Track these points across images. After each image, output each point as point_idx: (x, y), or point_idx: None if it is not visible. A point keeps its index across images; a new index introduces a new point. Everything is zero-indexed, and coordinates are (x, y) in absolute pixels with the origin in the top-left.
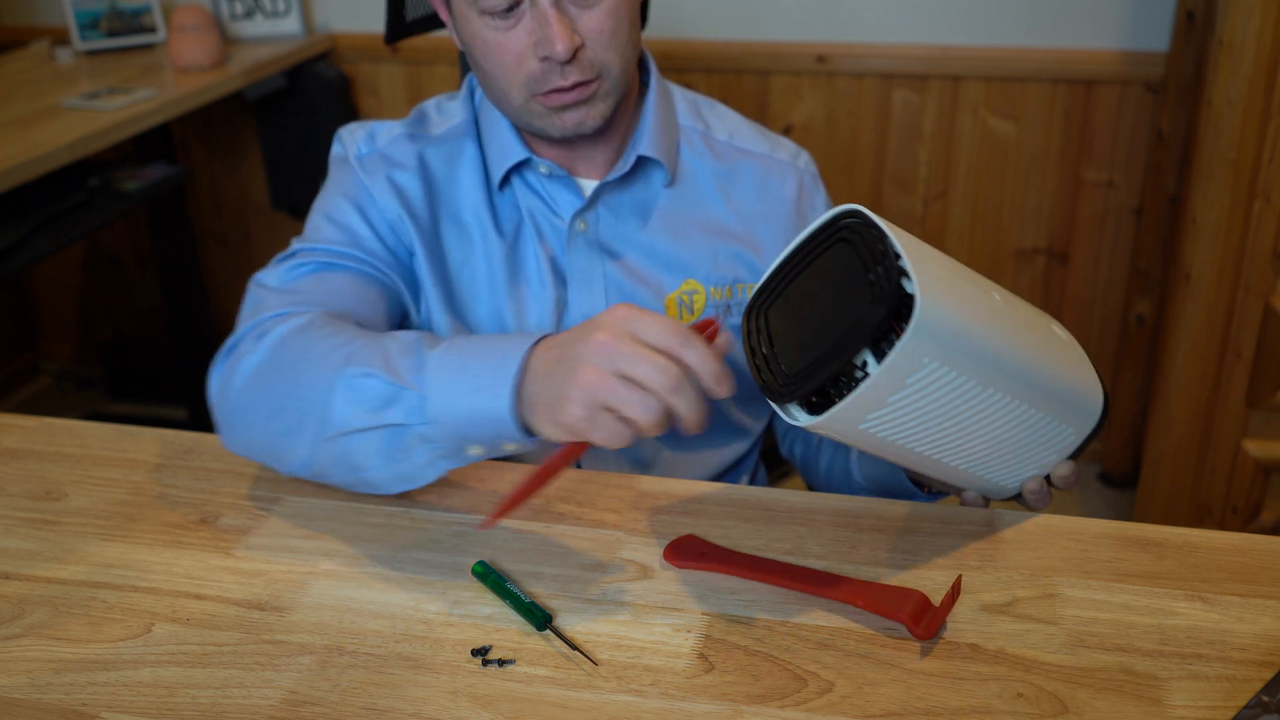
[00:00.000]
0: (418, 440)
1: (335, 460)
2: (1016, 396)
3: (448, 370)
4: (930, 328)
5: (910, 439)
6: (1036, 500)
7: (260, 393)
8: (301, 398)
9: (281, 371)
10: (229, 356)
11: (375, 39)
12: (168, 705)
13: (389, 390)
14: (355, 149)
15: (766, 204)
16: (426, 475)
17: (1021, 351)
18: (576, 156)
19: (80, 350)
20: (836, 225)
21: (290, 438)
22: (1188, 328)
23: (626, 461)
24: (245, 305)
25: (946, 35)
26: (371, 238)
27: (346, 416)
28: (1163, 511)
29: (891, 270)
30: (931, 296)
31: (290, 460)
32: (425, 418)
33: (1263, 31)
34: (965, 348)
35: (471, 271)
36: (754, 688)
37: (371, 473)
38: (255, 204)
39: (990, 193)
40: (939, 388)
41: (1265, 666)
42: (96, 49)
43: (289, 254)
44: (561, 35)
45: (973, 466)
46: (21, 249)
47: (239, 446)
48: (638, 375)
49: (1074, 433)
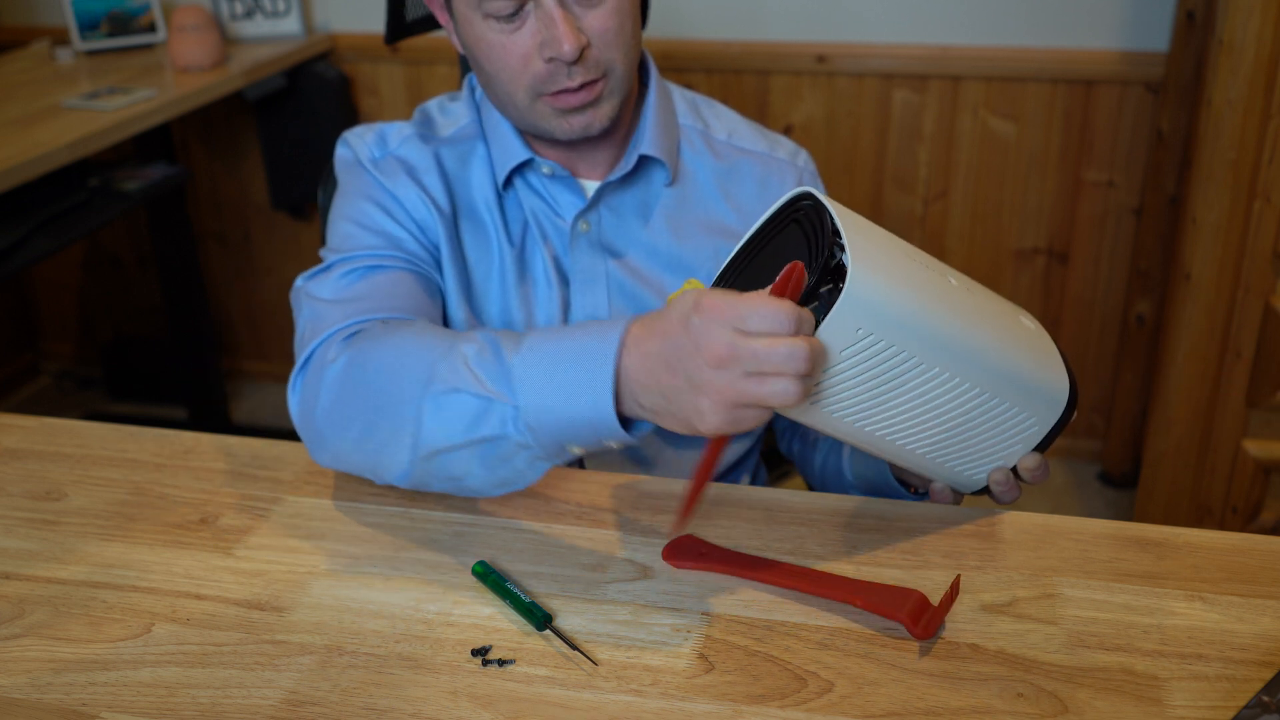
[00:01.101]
0: (516, 448)
1: (435, 475)
2: (967, 379)
3: (537, 377)
4: (862, 295)
5: (861, 418)
6: (1003, 493)
7: (348, 412)
8: (391, 415)
9: (365, 389)
10: (305, 373)
11: (375, 39)
12: (168, 705)
13: (479, 405)
14: (367, 153)
15: (767, 202)
16: (528, 477)
17: (972, 334)
18: (578, 157)
19: (80, 350)
20: (791, 209)
21: (385, 454)
22: (1188, 328)
23: (628, 461)
24: (302, 319)
25: (946, 35)
26: (408, 238)
27: (439, 436)
28: (1163, 511)
29: (827, 243)
30: (863, 266)
31: (387, 475)
32: (521, 428)
33: (1263, 31)
34: (901, 321)
35: (486, 268)
36: (754, 688)
37: (472, 480)
38: (255, 204)
39: (990, 193)
40: (877, 362)
41: (1265, 666)
42: (96, 49)
43: (326, 266)
44: (568, 35)
45: (934, 454)
46: (21, 249)
47: (332, 463)
48: (769, 369)
49: (1036, 423)
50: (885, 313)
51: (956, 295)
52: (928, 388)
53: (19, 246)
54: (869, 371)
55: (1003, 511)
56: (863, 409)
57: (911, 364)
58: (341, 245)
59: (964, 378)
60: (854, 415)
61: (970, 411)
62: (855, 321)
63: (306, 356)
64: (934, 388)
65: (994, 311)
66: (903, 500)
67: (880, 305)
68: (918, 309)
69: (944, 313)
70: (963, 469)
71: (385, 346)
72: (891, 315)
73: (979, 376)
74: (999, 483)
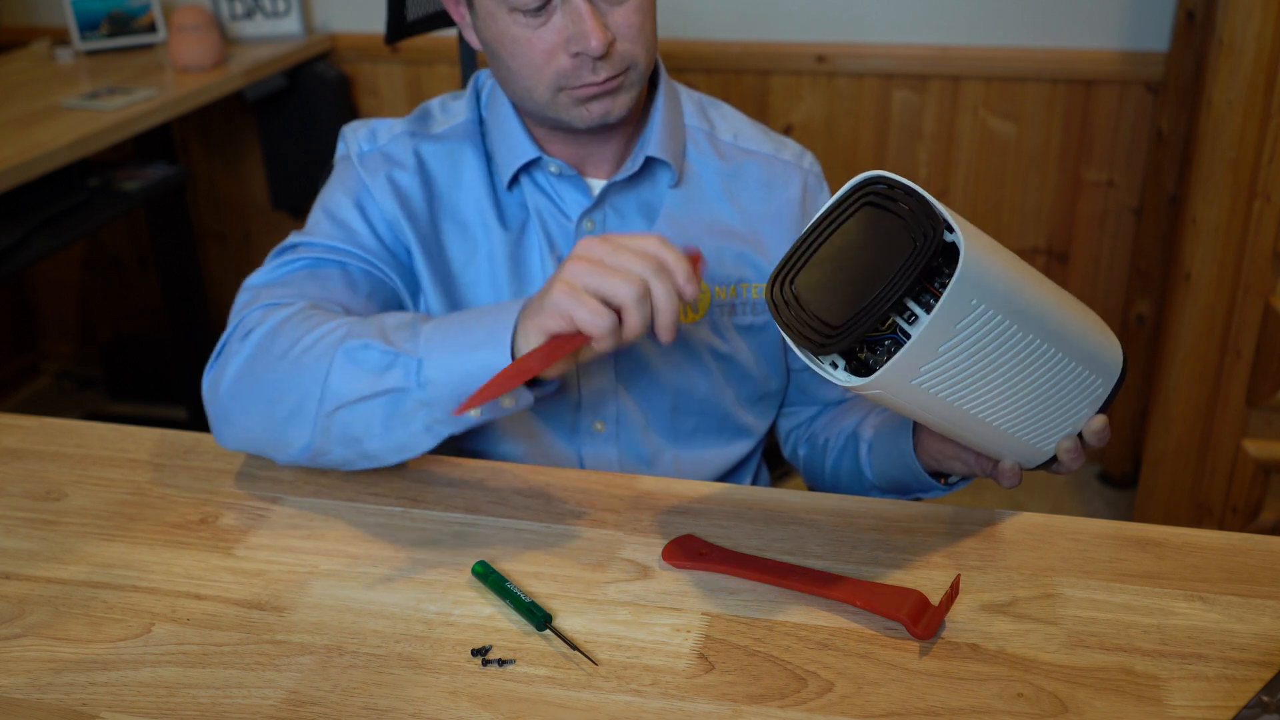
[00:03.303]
0: (416, 405)
1: (335, 435)
2: (1053, 344)
3: (443, 335)
4: (975, 270)
5: (960, 395)
6: (1072, 459)
7: (256, 382)
8: (299, 379)
9: (276, 358)
10: (219, 357)
11: (375, 39)
12: (168, 705)
13: (386, 358)
14: (357, 147)
15: (771, 204)
16: (424, 443)
17: (1051, 299)
18: (586, 156)
19: (80, 350)
20: (861, 192)
21: (290, 421)
22: (1187, 327)
23: (630, 460)
24: (234, 307)
25: (946, 35)
26: (369, 235)
27: (345, 388)
28: (1163, 511)
29: (936, 222)
30: (973, 242)
31: (291, 444)
32: (423, 379)
33: (1263, 31)
34: (1006, 291)
35: (475, 272)
36: (754, 688)
37: (371, 443)
38: (255, 204)
39: (990, 192)
40: (987, 334)
41: (1265, 666)
42: (96, 49)
43: (287, 245)
44: (596, 31)
45: (1015, 427)
46: (21, 249)
47: (235, 440)
48: (617, 263)
49: (1102, 383)
50: (994, 284)
51: (1029, 268)
52: (1023, 356)
53: (19, 246)
54: (978, 345)
55: (1003, 511)
56: (966, 385)
57: (1013, 332)
58: (307, 230)
59: (1052, 344)
60: (956, 393)
61: (1055, 377)
62: (972, 294)
63: (223, 341)
64: (1028, 356)
65: (1052, 283)
66: (910, 500)
67: (990, 278)
68: (1016, 280)
69: (1031, 283)
70: (1038, 440)
71: (302, 321)
72: (999, 286)
73: (1062, 342)
74: (1068, 450)
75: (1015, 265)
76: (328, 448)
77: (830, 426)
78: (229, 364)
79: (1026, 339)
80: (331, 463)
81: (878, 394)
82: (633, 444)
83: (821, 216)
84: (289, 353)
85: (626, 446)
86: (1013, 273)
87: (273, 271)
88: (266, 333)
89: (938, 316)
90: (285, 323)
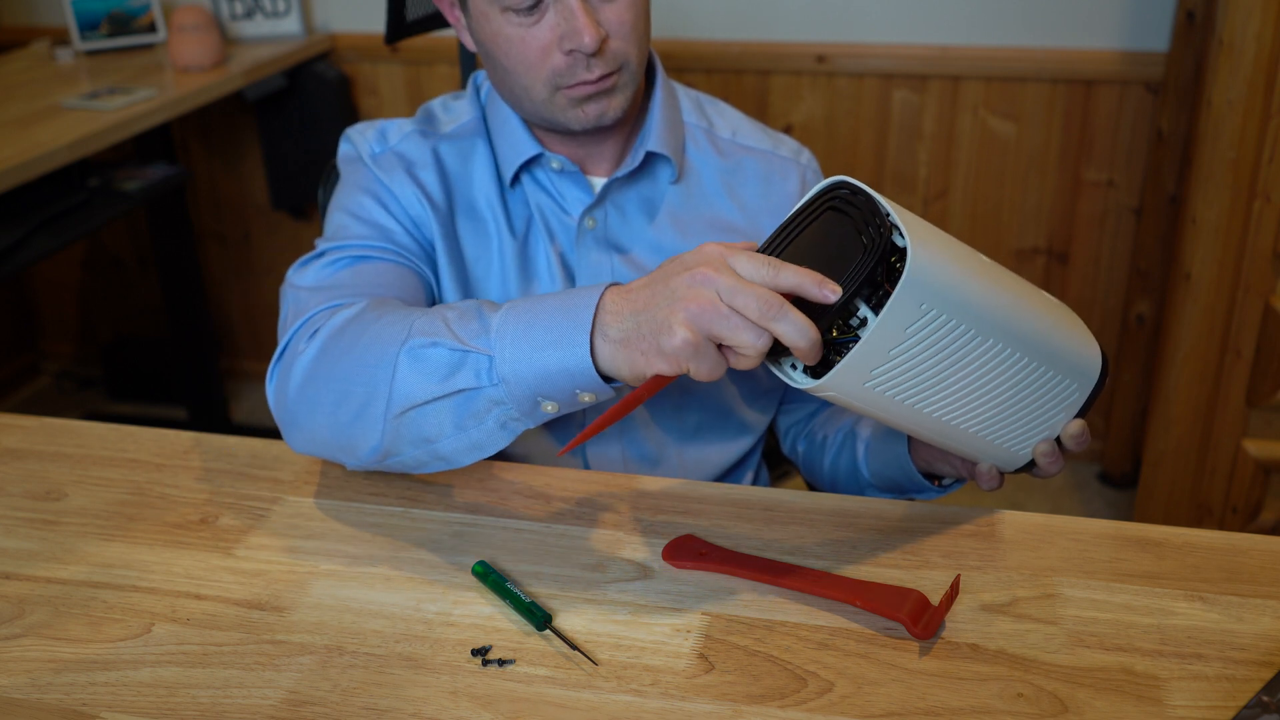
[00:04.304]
0: (489, 404)
1: (407, 437)
2: (1016, 348)
3: (514, 328)
4: (924, 273)
5: (916, 398)
6: (1050, 464)
7: (323, 384)
8: (366, 379)
9: (340, 359)
10: (282, 360)
11: (375, 39)
12: (168, 705)
13: (455, 356)
14: (368, 148)
15: (771, 200)
16: (498, 441)
17: (1016, 305)
18: (586, 154)
19: (80, 350)
20: (825, 197)
21: (359, 423)
22: (1187, 327)
23: (634, 459)
24: (284, 308)
25: (946, 35)
26: (400, 231)
27: (414, 389)
28: (1163, 511)
29: (883, 224)
30: (921, 244)
31: (361, 446)
32: (496, 378)
33: (1263, 31)
34: (959, 295)
35: (486, 265)
36: (754, 688)
37: (444, 443)
38: (255, 204)
39: (990, 192)
40: (939, 338)
41: (1265, 666)
42: (96, 49)
43: (317, 254)
44: (589, 28)
45: (984, 431)
46: (21, 249)
47: (305, 444)
48: (738, 305)
49: (1077, 388)
50: (945, 289)
51: (994, 270)
52: (982, 361)
53: (19, 246)
54: (930, 349)
55: (1003, 511)
56: (922, 389)
57: (968, 338)
58: (334, 235)
59: (1014, 349)
60: (913, 396)
61: (1021, 382)
62: (919, 298)
63: (284, 344)
64: (988, 361)
65: (1027, 286)
66: (909, 499)
67: (940, 281)
68: (971, 284)
69: (992, 287)
70: (1011, 444)
71: (364, 320)
72: (950, 291)
73: (1027, 346)
74: (1045, 454)
75: (977, 269)
76: (399, 449)
77: (829, 423)
78: (295, 364)
79: (986, 344)
80: (404, 465)
81: (832, 395)
82: (636, 441)
83: (789, 220)
84: (352, 353)
85: (630, 444)
86: (971, 277)
87: (318, 274)
88: (333, 332)
89: (884, 320)
90: (346, 323)
